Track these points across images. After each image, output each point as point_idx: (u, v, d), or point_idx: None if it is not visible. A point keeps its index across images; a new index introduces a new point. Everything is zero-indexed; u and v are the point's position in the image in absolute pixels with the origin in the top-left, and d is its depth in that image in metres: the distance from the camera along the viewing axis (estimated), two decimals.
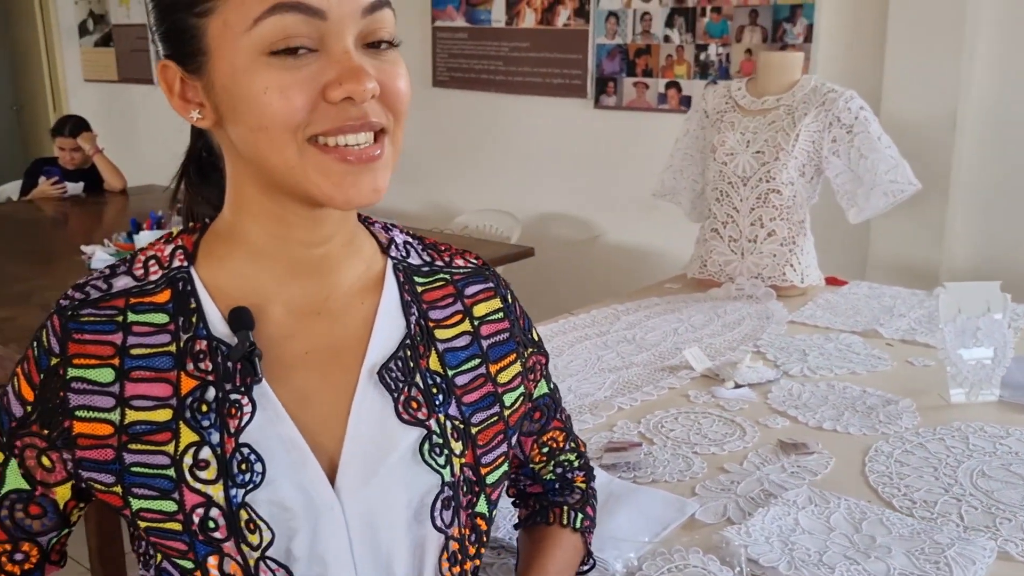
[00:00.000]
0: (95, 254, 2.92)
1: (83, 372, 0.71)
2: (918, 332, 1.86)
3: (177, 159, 0.89)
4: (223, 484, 0.70)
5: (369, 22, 0.68)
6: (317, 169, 0.68)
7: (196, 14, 0.68)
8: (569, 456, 0.98)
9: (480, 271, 0.86)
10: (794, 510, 1.13)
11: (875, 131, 2.01)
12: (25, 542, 0.77)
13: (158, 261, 0.76)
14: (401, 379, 0.76)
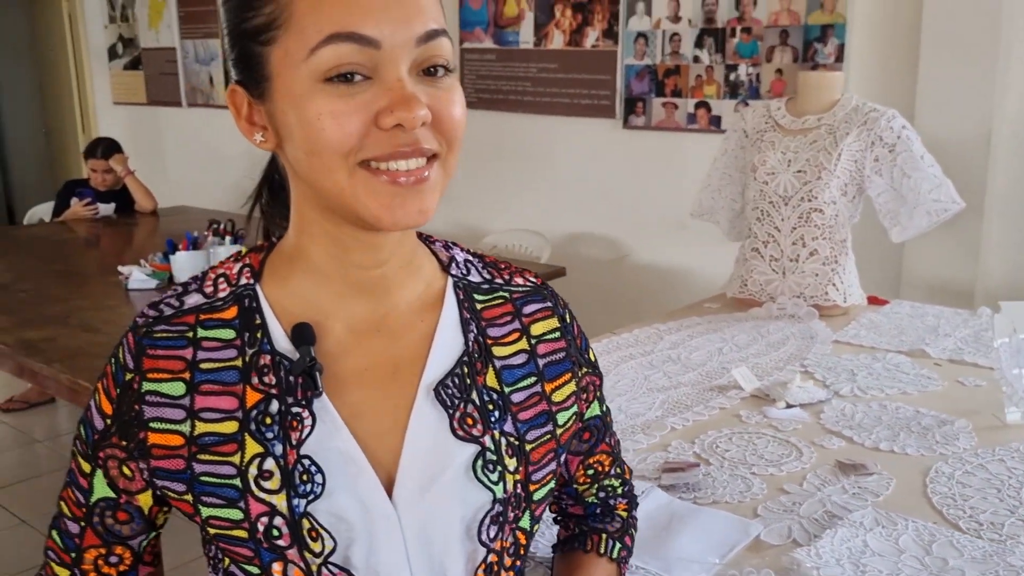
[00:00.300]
0: (132, 274, 2.95)
1: (156, 386, 0.75)
2: (965, 352, 1.85)
3: (209, 182, 0.91)
4: (286, 494, 0.72)
5: (424, 50, 0.69)
6: (366, 191, 0.70)
7: (260, 42, 0.70)
8: (613, 482, 0.98)
9: (539, 290, 0.87)
10: (862, 532, 1.12)
11: (918, 150, 2.01)
12: (118, 546, 0.82)
13: (227, 279, 0.79)
14: (457, 396, 0.77)
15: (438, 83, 0.70)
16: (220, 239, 3.04)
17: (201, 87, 5.56)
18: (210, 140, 5.59)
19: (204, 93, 5.55)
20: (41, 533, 2.97)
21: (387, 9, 0.67)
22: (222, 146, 5.54)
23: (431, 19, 0.69)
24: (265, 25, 0.70)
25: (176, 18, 5.60)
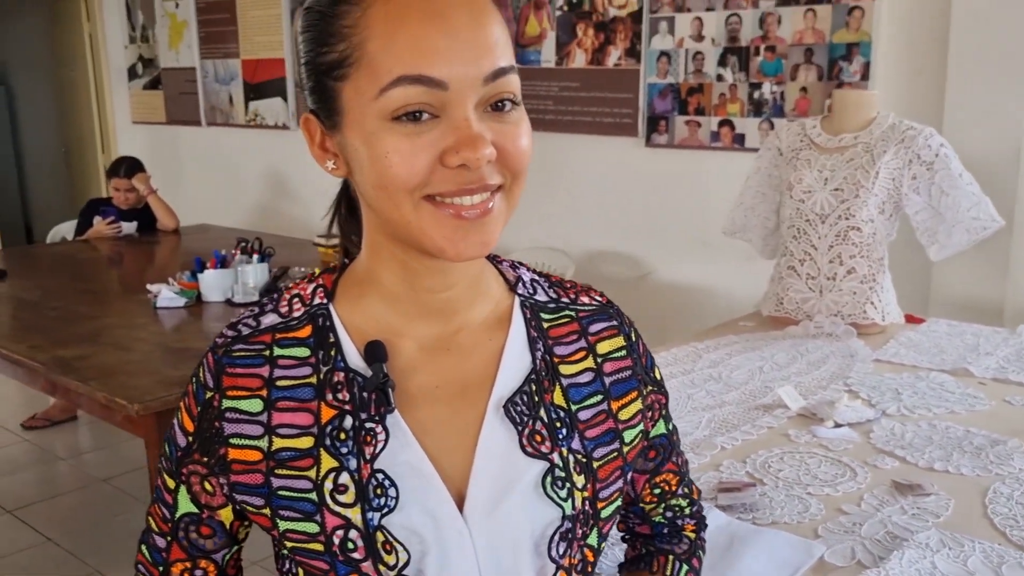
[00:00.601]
0: (161, 292, 2.96)
1: (235, 403, 0.77)
2: (1010, 371, 1.84)
3: (228, 200, 0.92)
4: (360, 508, 0.74)
5: (491, 88, 0.70)
6: (431, 223, 0.71)
7: (334, 77, 0.72)
8: (681, 502, 0.97)
9: (604, 309, 0.87)
10: (929, 554, 1.11)
11: (956, 168, 2.01)
12: (202, 559, 0.84)
13: (301, 299, 0.81)
14: (526, 413, 0.78)
15: (505, 117, 0.71)
16: (248, 257, 3.05)
17: (220, 106, 5.59)
18: (229, 159, 5.62)
19: (223, 112, 5.58)
20: (66, 551, 2.96)
21: (455, 51, 0.68)
22: (241, 165, 5.57)
23: (499, 58, 0.70)
24: (338, 62, 0.71)
25: (196, 38, 5.64)
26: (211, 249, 3.52)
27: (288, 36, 5.07)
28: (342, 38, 0.70)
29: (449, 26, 0.68)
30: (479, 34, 0.69)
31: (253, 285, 3.00)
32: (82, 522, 3.14)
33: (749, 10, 3.34)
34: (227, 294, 3.01)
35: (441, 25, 0.68)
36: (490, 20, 0.71)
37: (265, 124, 5.32)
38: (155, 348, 2.52)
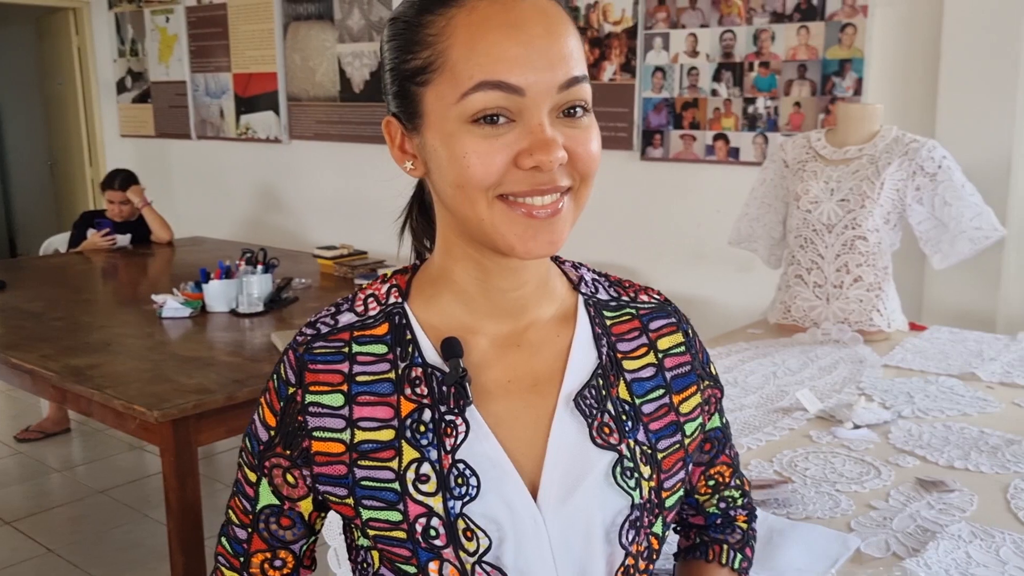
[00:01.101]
0: (166, 302, 2.97)
1: (318, 398, 0.80)
2: (1015, 375, 1.90)
3: (218, 213, 0.94)
4: (442, 496, 0.77)
5: (565, 95, 0.74)
6: (504, 221, 0.75)
7: (417, 83, 0.76)
8: (733, 492, 1.00)
9: (663, 307, 0.90)
10: (962, 544, 1.15)
11: (959, 179, 2.07)
12: (281, 550, 0.87)
13: (376, 299, 0.84)
14: (595, 406, 0.81)
15: (576, 123, 0.75)
16: (252, 268, 3.06)
17: (211, 120, 5.60)
18: (220, 172, 5.63)
19: (214, 126, 5.59)
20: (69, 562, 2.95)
21: (532, 60, 0.72)
22: (232, 178, 5.57)
23: (573, 67, 0.74)
24: (422, 68, 0.75)
25: (187, 52, 5.65)
26: (206, 261, 3.54)
27: (280, 51, 5.09)
28: (426, 46, 0.75)
29: (527, 36, 0.72)
30: (554, 45, 0.73)
31: (257, 295, 3.01)
32: (83, 533, 3.12)
33: (743, 26, 3.41)
34: (231, 304, 3.02)
35: (519, 35, 0.72)
36: (564, 32, 0.74)
37: (257, 138, 5.33)
38: (167, 357, 2.52)
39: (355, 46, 4.72)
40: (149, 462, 3.78)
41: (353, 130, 4.82)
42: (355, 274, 3.53)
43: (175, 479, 2.20)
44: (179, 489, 2.21)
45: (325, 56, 4.88)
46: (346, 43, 4.76)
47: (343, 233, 4.65)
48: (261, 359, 2.51)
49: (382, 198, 5.17)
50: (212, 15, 5.45)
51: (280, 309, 3.06)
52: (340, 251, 3.72)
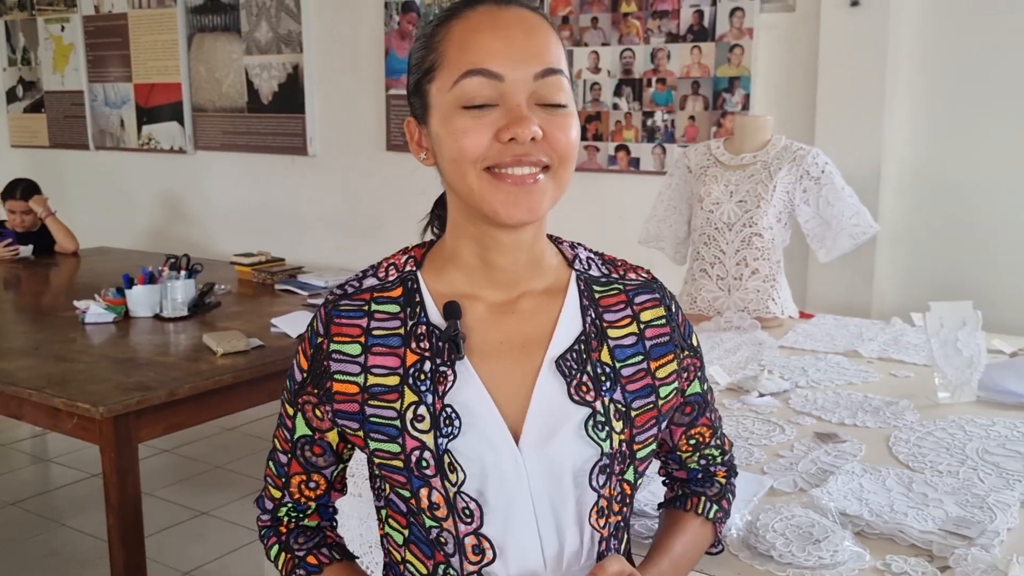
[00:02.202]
0: (89, 308, 2.98)
1: (340, 346, 0.94)
2: (890, 351, 2.18)
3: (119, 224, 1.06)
4: (433, 434, 0.91)
5: (541, 85, 0.88)
6: (489, 190, 0.88)
7: (426, 80, 0.92)
8: (713, 452, 1.10)
9: (649, 284, 1.01)
10: (856, 478, 1.38)
11: (839, 182, 2.35)
12: (315, 473, 1.02)
13: (396, 267, 0.98)
14: (575, 367, 0.94)
15: (554, 111, 0.89)
16: (176, 273, 3.11)
17: (111, 130, 5.53)
18: (120, 183, 5.56)
19: (114, 136, 5.52)
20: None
21: (510, 52, 0.87)
22: (133, 189, 5.51)
23: (547, 61, 0.89)
24: (429, 67, 0.91)
25: (84, 62, 5.57)
26: (113, 271, 3.54)
27: (184, 62, 5.09)
28: (432, 49, 0.91)
29: (507, 35, 0.88)
30: (530, 42, 0.88)
31: (182, 300, 3.06)
32: None
33: (641, 46, 3.67)
34: (155, 309, 3.06)
35: (500, 34, 0.88)
36: (541, 33, 0.90)
37: (160, 148, 5.30)
38: (100, 358, 2.56)
39: (263, 58, 4.78)
40: (56, 474, 3.73)
41: (261, 140, 4.87)
42: (275, 279, 3.60)
43: (116, 475, 2.25)
44: (119, 485, 2.25)
45: (232, 67, 4.92)
46: (254, 55, 4.81)
47: (250, 242, 4.69)
48: (196, 359, 2.58)
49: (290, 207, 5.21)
50: (111, 25, 5.39)
51: (204, 313, 3.12)
52: (258, 258, 3.78)
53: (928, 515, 1.26)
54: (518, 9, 0.90)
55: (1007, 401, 1.79)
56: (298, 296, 3.40)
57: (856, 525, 1.23)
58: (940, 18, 3.08)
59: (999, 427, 1.66)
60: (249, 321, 3.00)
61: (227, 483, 3.60)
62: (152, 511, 3.19)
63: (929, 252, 3.15)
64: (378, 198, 4.50)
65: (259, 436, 4.12)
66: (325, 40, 4.57)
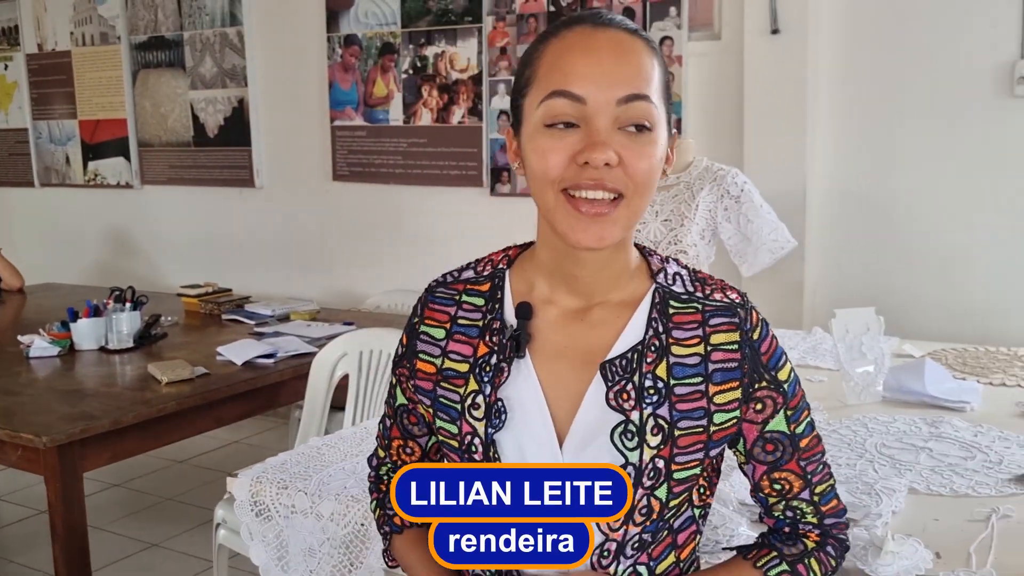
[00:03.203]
0: (33, 343, 3.01)
1: (428, 329, 1.03)
2: (808, 358, 2.30)
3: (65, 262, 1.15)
4: (484, 423, 0.97)
5: (624, 110, 0.90)
6: (562, 212, 0.92)
7: (521, 95, 0.97)
8: (803, 506, 1.03)
9: (732, 307, 0.98)
10: None
11: (758, 200, 2.47)
12: (411, 441, 1.12)
13: (492, 263, 1.05)
14: (620, 375, 0.95)
15: (637, 138, 0.90)
16: (121, 305, 3.14)
17: (56, 166, 5.53)
18: (66, 219, 5.55)
19: (59, 173, 5.53)
20: None
21: (596, 76, 0.90)
22: (79, 225, 5.51)
23: (633, 87, 0.90)
24: (525, 82, 0.96)
25: (28, 99, 5.58)
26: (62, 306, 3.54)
27: (129, 98, 5.13)
28: (528, 65, 0.96)
29: (595, 58, 0.91)
30: (620, 67, 0.90)
31: (127, 332, 3.09)
32: None
33: None
34: (100, 342, 3.09)
35: (589, 57, 0.91)
36: (632, 58, 0.91)
37: (107, 184, 5.32)
38: (45, 391, 2.59)
39: (208, 92, 4.84)
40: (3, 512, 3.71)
41: (208, 174, 4.91)
42: (222, 310, 3.64)
43: (61, 505, 2.27)
44: (65, 515, 2.28)
45: (177, 102, 4.97)
46: (199, 89, 4.87)
47: (198, 275, 4.71)
48: (141, 388, 2.62)
49: (237, 238, 5.25)
50: (56, 63, 5.42)
51: (150, 345, 3.15)
52: (205, 289, 3.82)
53: None
54: (614, 31, 0.92)
55: (909, 400, 1.91)
56: (245, 325, 3.44)
57: (754, 513, 1.33)
58: (855, 44, 3.25)
59: (899, 423, 1.77)
60: (195, 351, 3.04)
61: (178, 514, 3.61)
62: (102, 544, 3.20)
63: (852, 265, 3.30)
64: (325, 227, 4.57)
65: (209, 468, 4.13)
66: (269, 74, 4.65)
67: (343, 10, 4.36)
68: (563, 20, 0.96)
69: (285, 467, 1.57)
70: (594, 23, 0.93)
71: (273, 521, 1.47)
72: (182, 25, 4.87)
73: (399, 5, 4.21)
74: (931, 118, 3.15)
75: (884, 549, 1.14)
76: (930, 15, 3.12)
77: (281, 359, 2.90)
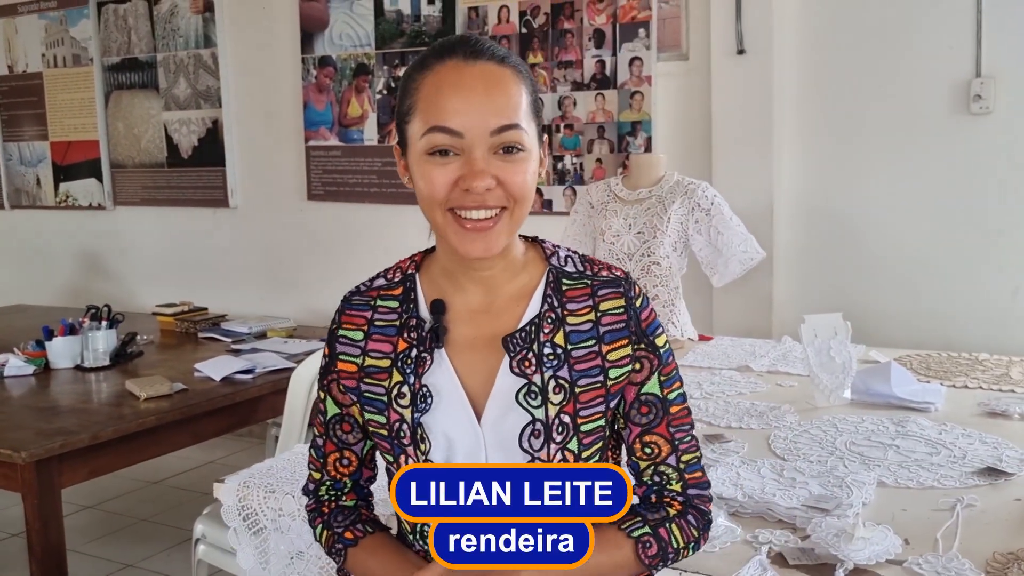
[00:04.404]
0: (8, 361, 2.99)
1: (347, 332, 1.12)
2: (779, 365, 2.36)
3: (36, 283, 1.22)
4: (411, 409, 1.07)
5: (499, 138, 1.00)
6: (451, 230, 1.03)
7: (405, 121, 1.06)
8: (670, 472, 1.10)
9: (616, 280, 1.09)
10: (734, 468, 1.53)
11: (727, 213, 2.54)
12: (347, 450, 1.18)
13: (401, 270, 1.14)
14: (520, 345, 1.06)
15: (511, 158, 1.01)
16: (97, 323, 3.14)
17: (26, 188, 5.51)
18: (37, 241, 5.51)
19: (30, 194, 5.50)
20: None
21: (469, 111, 1.00)
22: (50, 246, 5.48)
23: (503, 117, 1.00)
24: (407, 111, 1.05)
25: None
26: (32, 327, 3.53)
27: (102, 119, 5.13)
28: (409, 94, 1.05)
29: (467, 94, 1.00)
30: (490, 100, 1.00)
31: (103, 350, 3.09)
32: None
33: (549, 94, 3.87)
34: (76, 360, 3.08)
35: (461, 93, 1.00)
36: (501, 91, 1.01)
37: (78, 205, 5.30)
38: (21, 408, 2.58)
39: (182, 113, 4.85)
40: None
41: (182, 194, 4.92)
42: (198, 328, 3.65)
43: (39, 522, 2.27)
44: (42, 532, 2.27)
45: (151, 123, 4.97)
46: (172, 111, 4.88)
47: (172, 295, 4.69)
48: (119, 403, 2.62)
49: (212, 258, 5.24)
50: (26, 84, 5.40)
51: (126, 363, 3.15)
52: (180, 307, 3.82)
53: (794, 495, 1.41)
54: (484, 64, 1.02)
55: (876, 402, 1.97)
56: (222, 343, 3.45)
57: (731, 506, 1.38)
58: (819, 64, 3.35)
59: (867, 423, 1.83)
60: (172, 368, 3.05)
61: (153, 535, 3.59)
62: (78, 566, 3.17)
63: (819, 276, 3.37)
64: (300, 247, 4.59)
65: (184, 488, 4.11)
66: (244, 94, 4.68)
67: (317, 32, 4.41)
68: (436, 48, 1.05)
69: (272, 472, 1.59)
70: (464, 56, 1.02)
71: (260, 525, 1.49)
72: (155, 47, 4.89)
73: (373, 27, 4.26)
74: (892, 134, 3.25)
75: (855, 535, 1.19)
76: (890, 36, 3.23)
77: (259, 374, 2.91)
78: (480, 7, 3.98)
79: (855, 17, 3.30)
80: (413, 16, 4.16)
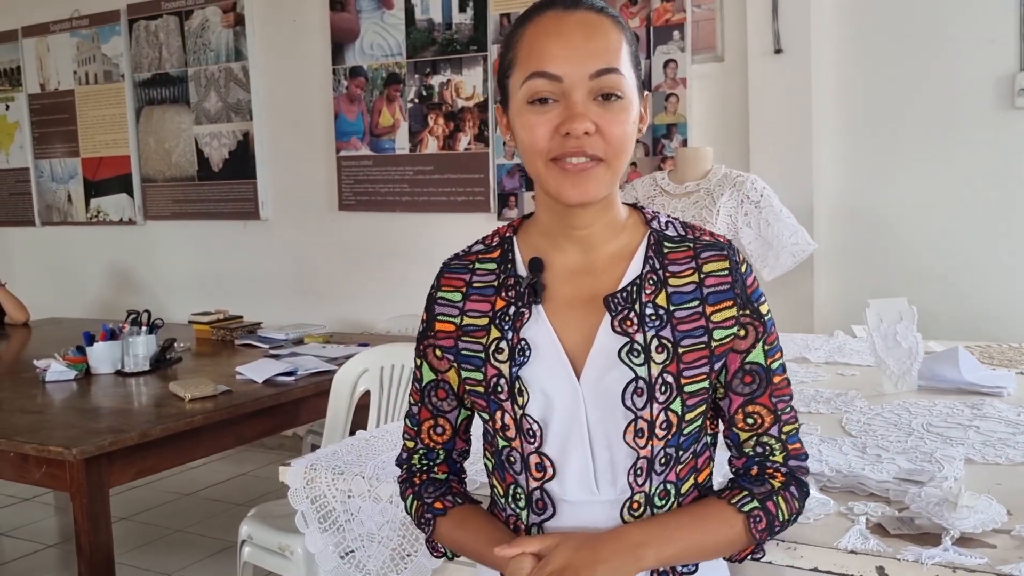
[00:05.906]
0: (50, 367, 2.99)
1: (446, 294, 1.14)
2: (836, 357, 2.32)
3: (66, 299, 1.19)
4: (509, 363, 1.07)
5: (597, 83, 1.00)
6: (552, 176, 1.03)
7: (506, 75, 1.07)
8: (772, 442, 1.08)
9: (719, 244, 1.08)
10: (814, 446, 1.49)
11: (777, 205, 2.51)
12: (441, 418, 1.18)
13: (499, 235, 1.16)
14: (622, 304, 1.06)
15: (610, 106, 1.01)
16: (137, 329, 3.13)
17: (58, 205, 5.54)
18: (67, 257, 5.54)
19: (61, 211, 5.53)
20: None
21: (568, 56, 1.00)
22: (81, 262, 5.50)
23: (603, 61, 1.00)
24: (509, 64, 1.06)
25: (30, 139, 5.60)
26: (68, 339, 3.53)
27: (133, 134, 5.16)
28: (510, 48, 1.06)
29: (566, 40, 1.01)
30: (589, 45, 1.01)
31: (143, 355, 3.08)
32: None
33: None
34: (116, 365, 3.07)
35: (560, 39, 1.01)
36: (600, 36, 1.02)
37: (109, 220, 5.32)
38: (66, 409, 2.57)
39: (213, 127, 4.88)
40: (9, 547, 3.65)
41: (213, 207, 4.93)
42: (234, 336, 3.63)
43: (87, 521, 2.24)
44: (91, 531, 2.25)
45: (181, 137, 5.00)
46: (203, 124, 4.90)
47: (204, 308, 4.69)
48: (163, 405, 2.60)
49: (243, 271, 5.25)
50: (58, 102, 5.45)
51: (166, 368, 3.14)
52: (216, 315, 3.81)
53: (883, 469, 1.37)
54: (582, 12, 1.03)
55: (945, 388, 1.92)
56: (260, 349, 3.43)
57: (819, 481, 1.33)
58: (858, 62, 3.32)
59: (940, 407, 1.79)
60: (213, 372, 3.03)
61: (190, 545, 3.56)
62: None
63: (861, 275, 3.33)
64: (332, 257, 4.58)
65: (217, 499, 4.08)
66: (275, 106, 4.70)
67: (348, 42, 4.43)
68: (536, 4, 1.06)
69: (337, 455, 1.56)
70: (564, 6, 1.03)
71: (329, 507, 1.46)
72: (186, 61, 4.93)
73: (404, 36, 4.28)
74: (934, 132, 3.21)
75: (959, 503, 1.15)
76: (928, 31, 3.20)
77: (301, 376, 2.89)
78: (512, 13, 3.98)
79: (893, 12, 3.27)
80: (445, 24, 4.17)
